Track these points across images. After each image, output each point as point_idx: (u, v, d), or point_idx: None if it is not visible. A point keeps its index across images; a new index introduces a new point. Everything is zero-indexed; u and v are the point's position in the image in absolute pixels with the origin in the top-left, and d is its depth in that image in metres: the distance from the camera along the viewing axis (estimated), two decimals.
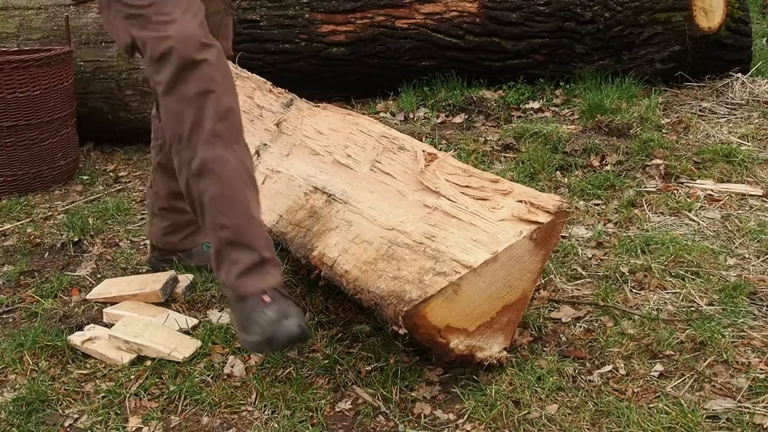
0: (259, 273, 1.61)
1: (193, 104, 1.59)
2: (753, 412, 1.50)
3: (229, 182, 1.61)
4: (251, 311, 1.56)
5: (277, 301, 1.56)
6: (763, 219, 2.40)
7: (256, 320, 1.53)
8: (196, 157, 1.60)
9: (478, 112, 3.73)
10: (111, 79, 3.59)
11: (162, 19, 1.61)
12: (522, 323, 1.82)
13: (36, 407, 1.66)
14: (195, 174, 1.62)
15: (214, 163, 1.60)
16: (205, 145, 1.60)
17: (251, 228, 1.62)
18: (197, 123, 1.59)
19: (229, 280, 1.63)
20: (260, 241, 1.62)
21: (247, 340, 1.56)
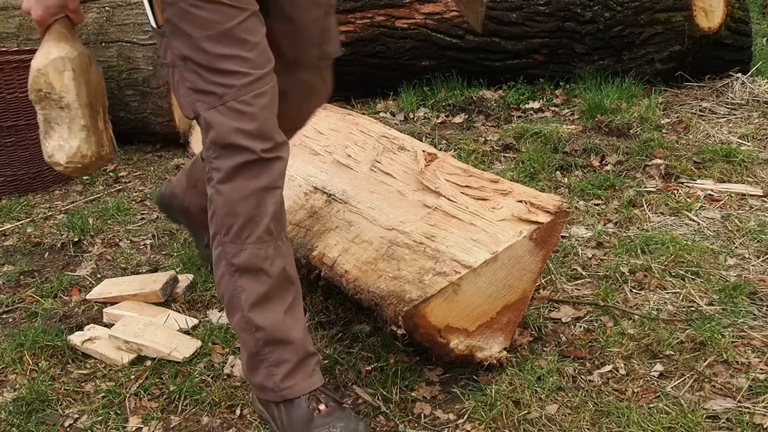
0: (304, 372, 1.50)
1: (253, 199, 1.43)
2: (753, 412, 1.50)
3: (273, 283, 1.47)
4: (307, 424, 1.46)
5: (338, 412, 1.46)
6: (763, 219, 2.40)
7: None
8: (242, 253, 1.45)
9: (478, 112, 3.73)
10: (111, 79, 3.59)
11: (238, 108, 1.40)
12: (522, 323, 1.82)
13: (36, 407, 1.66)
14: (237, 270, 1.46)
15: (263, 262, 1.45)
16: (256, 242, 1.45)
17: (287, 323, 1.48)
18: (253, 219, 1.44)
19: (272, 384, 1.49)
20: (298, 334, 1.50)
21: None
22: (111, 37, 3.60)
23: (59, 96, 1.47)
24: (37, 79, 1.47)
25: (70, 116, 1.49)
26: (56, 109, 1.48)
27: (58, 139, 1.50)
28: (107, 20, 3.64)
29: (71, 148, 1.49)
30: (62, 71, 1.46)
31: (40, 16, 1.45)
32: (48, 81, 1.46)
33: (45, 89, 1.47)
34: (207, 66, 1.40)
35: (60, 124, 1.49)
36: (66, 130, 1.49)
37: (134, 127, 3.65)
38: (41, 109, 1.50)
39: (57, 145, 1.50)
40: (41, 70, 1.46)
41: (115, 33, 3.60)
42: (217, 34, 1.40)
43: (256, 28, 1.45)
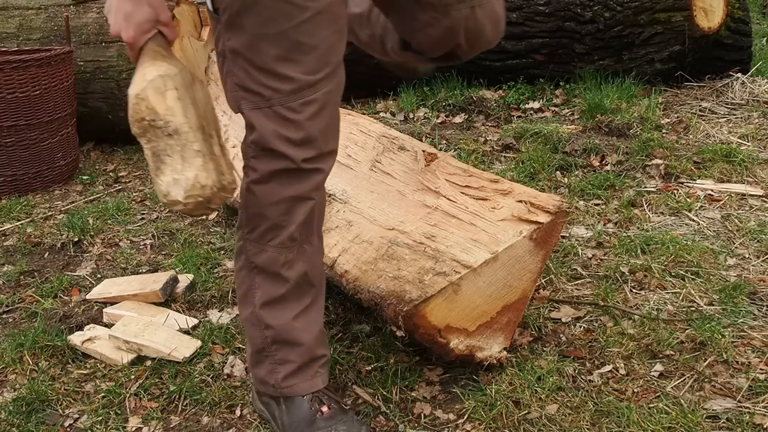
0: (307, 373, 1.50)
1: (283, 206, 1.40)
2: (753, 412, 1.50)
3: (290, 287, 1.46)
4: (310, 426, 1.46)
5: (339, 415, 1.46)
6: (763, 219, 2.40)
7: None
8: (263, 254, 1.44)
9: (478, 112, 3.73)
10: (111, 79, 3.59)
11: (284, 114, 1.34)
12: (522, 323, 1.82)
13: (36, 407, 1.66)
14: (255, 268, 1.46)
15: (281, 267, 1.43)
16: (277, 246, 1.42)
17: (297, 325, 1.47)
18: (278, 225, 1.41)
19: (273, 380, 1.50)
20: (308, 337, 1.49)
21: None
22: (111, 37, 3.60)
23: (165, 121, 1.25)
24: (137, 107, 1.27)
25: (181, 143, 1.26)
26: (164, 138, 1.26)
27: (171, 173, 1.26)
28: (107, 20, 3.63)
29: (188, 180, 1.26)
30: (164, 91, 1.26)
31: (132, 36, 1.30)
32: (150, 106, 1.26)
33: (148, 117, 1.26)
34: (257, 65, 1.33)
35: (171, 155, 1.26)
36: (179, 160, 1.26)
37: None
38: (147, 142, 1.28)
39: (171, 181, 1.26)
40: (140, 95, 1.27)
41: None
42: (272, 34, 1.31)
43: (318, 29, 1.33)
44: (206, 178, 1.27)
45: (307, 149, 1.36)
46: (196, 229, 2.62)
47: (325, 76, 1.36)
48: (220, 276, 2.22)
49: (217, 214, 2.73)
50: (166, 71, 1.28)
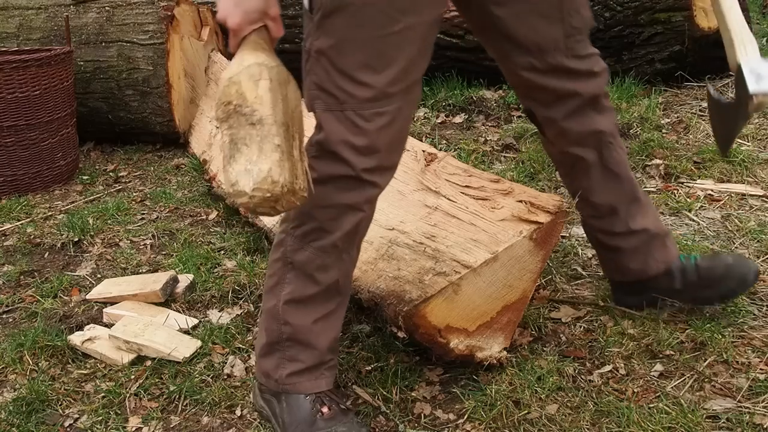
0: (312, 374, 1.52)
1: (333, 211, 1.41)
2: (753, 412, 1.50)
3: (319, 291, 1.48)
4: (311, 427, 1.47)
5: (340, 416, 1.47)
6: (763, 219, 2.40)
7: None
8: (301, 252, 1.45)
9: (478, 112, 3.73)
10: (111, 79, 3.59)
11: (355, 121, 1.35)
12: (522, 323, 1.82)
13: (36, 407, 1.66)
14: (290, 263, 1.47)
15: (316, 270, 1.45)
16: (318, 250, 1.44)
17: (316, 329, 1.50)
18: (324, 229, 1.43)
19: (277, 375, 1.52)
20: (323, 343, 1.51)
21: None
22: (111, 37, 3.60)
23: (251, 109, 1.22)
24: (227, 90, 1.24)
25: (262, 134, 1.22)
26: (246, 127, 1.23)
27: (244, 162, 1.22)
28: (107, 20, 3.64)
29: (260, 171, 1.21)
30: (257, 80, 1.23)
31: (237, 23, 1.28)
32: (240, 91, 1.23)
33: (236, 101, 1.23)
34: (338, 68, 1.34)
35: (249, 144, 1.22)
36: (255, 151, 1.22)
37: (134, 127, 3.65)
38: (228, 129, 1.25)
39: (243, 170, 1.22)
40: (233, 78, 1.24)
41: (115, 33, 3.60)
42: (359, 39, 1.32)
43: (404, 43, 1.34)
44: (279, 174, 1.22)
45: (369, 159, 1.37)
46: (196, 229, 2.62)
47: (401, 91, 1.37)
48: (220, 276, 2.22)
49: (217, 214, 2.73)
50: (264, 61, 1.26)
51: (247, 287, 2.11)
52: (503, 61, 1.64)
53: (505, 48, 1.59)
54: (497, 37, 1.58)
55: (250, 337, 1.90)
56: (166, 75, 3.50)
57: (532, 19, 1.52)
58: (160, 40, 3.50)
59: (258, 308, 2.02)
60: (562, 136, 1.69)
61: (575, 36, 1.57)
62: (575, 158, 1.72)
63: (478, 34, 1.66)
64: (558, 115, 1.65)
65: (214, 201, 2.84)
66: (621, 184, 1.73)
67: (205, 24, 3.87)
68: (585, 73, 1.62)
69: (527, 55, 1.56)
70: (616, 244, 1.79)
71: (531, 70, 1.58)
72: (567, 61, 1.57)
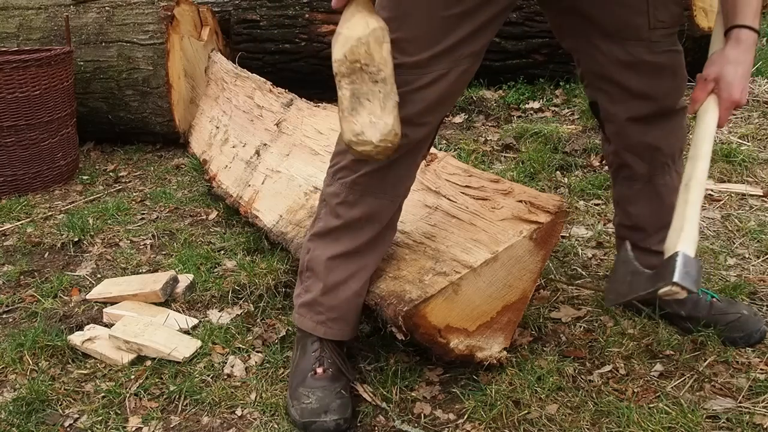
0: (316, 311, 1.63)
1: (328, 204, 1.60)
2: (753, 412, 1.50)
3: (338, 226, 1.60)
4: (301, 381, 1.58)
5: (325, 381, 1.57)
6: (763, 219, 2.40)
7: (300, 399, 1.55)
8: (330, 187, 1.60)
9: (478, 112, 3.73)
10: (111, 79, 3.59)
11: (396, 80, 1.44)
12: (522, 323, 1.82)
13: (36, 407, 1.66)
14: (323, 201, 1.63)
15: (339, 205, 1.58)
16: (342, 186, 1.57)
17: (331, 264, 1.61)
18: (350, 168, 1.57)
19: (297, 303, 1.69)
20: (332, 279, 1.62)
21: (288, 407, 1.58)
22: (111, 37, 3.60)
23: (378, 68, 1.35)
24: (356, 49, 1.34)
25: (385, 91, 1.36)
26: (369, 84, 1.36)
27: (368, 116, 1.36)
28: (107, 20, 3.64)
29: (386, 125, 1.36)
30: (382, 42, 1.35)
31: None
32: (369, 51, 1.34)
33: (363, 60, 1.35)
34: None
35: (371, 100, 1.36)
36: (378, 106, 1.36)
37: (134, 127, 3.65)
38: (350, 83, 1.37)
39: (368, 122, 1.36)
40: (362, 39, 1.34)
41: (115, 33, 3.60)
42: (416, 15, 1.43)
43: (458, 26, 1.43)
44: (399, 127, 1.39)
45: (401, 110, 1.44)
46: (196, 229, 2.62)
47: (447, 61, 1.45)
48: (220, 276, 2.22)
49: (217, 214, 2.73)
50: (383, 25, 1.37)
51: (247, 287, 2.11)
52: (581, 45, 1.62)
53: (584, 31, 1.58)
54: (577, 18, 1.57)
55: (250, 337, 1.90)
56: (166, 75, 3.50)
57: (614, 6, 1.52)
58: (160, 40, 3.50)
59: (258, 308, 2.02)
60: (619, 136, 1.66)
61: (660, 29, 1.54)
62: (624, 164, 1.69)
63: (553, 16, 1.65)
64: (622, 114, 1.62)
65: (214, 201, 2.84)
66: (661, 209, 1.68)
67: (205, 24, 3.87)
68: (667, 72, 1.58)
69: (608, 41, 1.55)
70: (642, 261, 1.74)
71: (609, 56, 1.56)
72: (648, 55, 1.55)
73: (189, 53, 3.68)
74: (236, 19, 4.07)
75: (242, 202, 2.51)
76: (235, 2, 4.10)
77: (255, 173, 2.56)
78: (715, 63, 1.47)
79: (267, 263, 2.20)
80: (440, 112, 1.57)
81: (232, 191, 2.61)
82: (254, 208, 2.41)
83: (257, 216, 2.36)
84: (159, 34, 3.51)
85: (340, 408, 1.53)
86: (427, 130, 1.56)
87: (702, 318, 1.75)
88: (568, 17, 1.61)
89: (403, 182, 1.61)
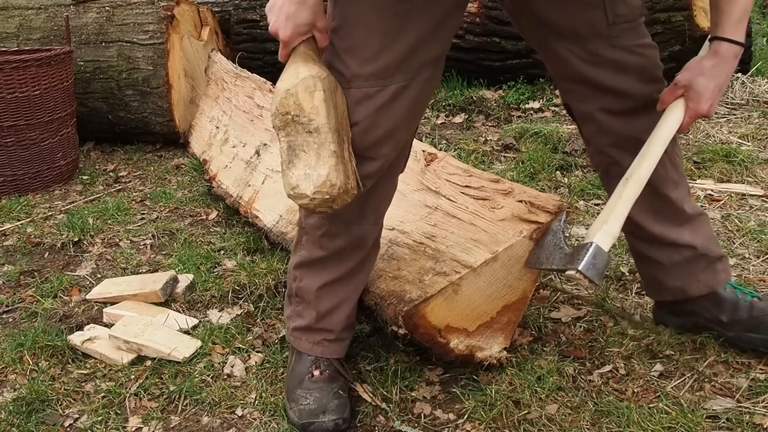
0: (312, 336, 1.64)
1: (309, 236, 1.59)
2: (753, 412, 1.50)
3: (323, 257, 1.59)
4: (298, 384, 1.59)
5: (322, 383, 1.58)
6: (763, 219, 2.40)
7: (297, 400, 1.56)
8: (310, 217, 1.57)
9: (478, 112, 3.73)
10: (111, 79, 3.59)
11: (358, 98, 1.42)
12: (522, 323, 1.82)
13: (36, 407, 1.66)
14: (303, 228, 1.61)
15: (322, 236, 1.56)
16: (321, 218, 1.54)
17: (320, 293, 1.61)
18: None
19: (288, 325, 1.69)
20: (323, 307, 1.61)
21: (287, 410, 1.59)
22: (111, 37, 3.60)
23: (308, 119, 1.33)
24: (285, 101, 1.33)
25: (319, 141, 1.33)
26: (303, 134, 1.33)
27: (303, 167, 1.33)
28: (107, 20, 3.64)
29: (319, 176, 1.32)
30: (312, 91, 1.33)
31: (288, 36, 1.35)
32: (297, 102, 1.32)
33: (293, 111, 1.33)
34: (344, 47, 1.42)
35: (306, 151, 1.33)
36: (314, 156, 1.33)
37: (134, 127, 3.65)
38: (286, 136, 1.35)
39: (303, 174, 1.33)
40: (290, 90, 1.33)
41: (115, 33, 3.60)
42: (366, 18, 1.40)
43: (411, 23, 1.39)
44: (336, 177, 1.33)
45: (368, 135, 1.43)
46: (196, 229, 2.62)
47: (408, 69, 1.41)
48: (220, 276, 2.22)
49: (217, 214, 2.73)
50: (317, 73, 1.34)
51: (247, 287, 2.11)
52: (543, 49, 1.59)
53: (542, 34, 1.55)
54: (534, 23, 1.55)
55: (250, 337, 1.90)
56: (166, 75, 3.50)
57: (568, 5, 1.49)
58: (160, 40, 3.50)
59: (258, 308, 2.02)
60: (600, 134, 1.62)
61: (620, 24, 1.49)
62: (612, 162, 1.63)
63: (515, 21, 1.62)
64: (595, 110, 1.58)
65: (214, 201, 2.84)
66: (660, 203, 1.64)
67: (205, 24, 3.87)
68: (634, 68, 1.53)
69: (566, 42, 1.52)
70: (655, 255, 1.70)
71: (570, 57, 1.53)
72: (609, 51, 1.50)
73: (189, 53, 3.69)
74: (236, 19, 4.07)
75: (242, 202, 2.51)
76: (235, 2, 4.10)
77: (255, 173, 2.56)
78: (689, 70, 1.46)
79: (267, 263, 2.20)
80: (412, 126, 1.52)
81: (232, 191, 2.61)
82: (254, 208, 2.41)
83: (257, 216, 2.36)
84: (159, 34, 3.51)
85: (338, 408, 1.53)
86: (401, 147, 1.51)
87: (745, 320, 1.66)
88: (527, 22, 1.57)
89: (384, 204, 1.58)
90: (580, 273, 1.33)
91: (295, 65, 1.35)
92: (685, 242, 1.66)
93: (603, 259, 1.35)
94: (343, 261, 1.58)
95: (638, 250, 1.75)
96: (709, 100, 1.44)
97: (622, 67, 1.52)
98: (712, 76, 1.44)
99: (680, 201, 1.65)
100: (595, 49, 1.50)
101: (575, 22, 1.49)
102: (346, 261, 1.58)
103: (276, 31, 1.35)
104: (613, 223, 1.39)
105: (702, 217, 1.70)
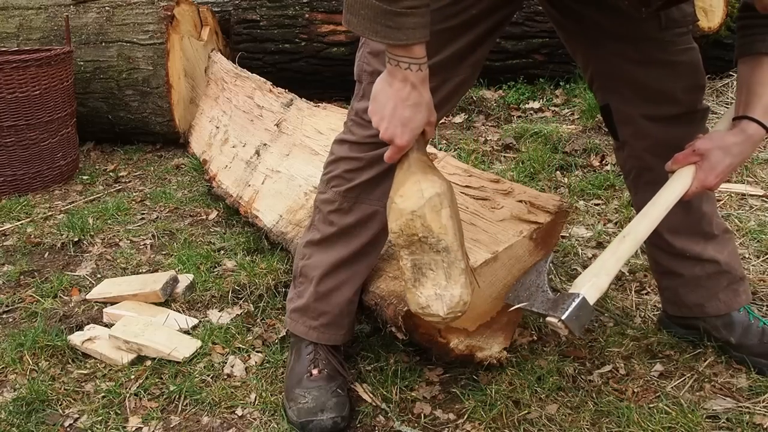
0: (308, 317, 1.65)
1: (358, 162, 1.54)
2: (753, 412, 1.50)
3: (333, 234, 1.60)
4: (297, 383, 1.60)
5: (321, 381, 1.59)
6: (763, 219, 2.40)
7: (296, 399, 1.57)
8: (323, 194, 1.61)
9: (478, 112, 3.73)
10: (111, 79, 3.59)
11: None
12: (522, 323, 1.82)
13: (36, 407, 1.66)
14: (317, 207, 1.63)
15: (333, 213, 1.59)
16: (336, 194, 1.57)
17: (324, 271, 1.62)
18: (345, 177, 1.56)
19: (289, 307, 1.71)
20: (323, 287, 1.63)
21: (286, 409, 1.59)
22: (111, 37, 3.60)
23: (437, 239, 1.24)
24: (411, 223, 1.24)
25: (449, 260, 1.25)
26: (430, 254, 1.25)
27: (433, 287, 1.26)
28: (107, 20, 3.64)
29: (452, 297, 1.26)
30: (439, 210, 1.24)
31: (407, 141, 1.27)
32: (425, 224, 1.23)
33: (421, 234, 1.24)
34: None
35: (435, 269, 1.26)
36: (443, 276, 1.26)
37: (134, 127, 3.65)
38: (410, 254, 1.27)
39: (433, 295, 1.26)
40: (416, 212, 1.23)
41: (115, 33, 3.60)
42: None
43: (455, 38, 1.41)
44: (468, 295, 1.28)
45: None
46: (196, 229, 2.62)
47: (443, 70, 1.42)
48: (220, 276, 2.22)
49: (217, 214, 2.73)
50: (441, 188, 1.26)
51: (247, 287, 2.11)
52: (591, 47, 1.56)
53: (594, 34, 1.53)
54: (582, 26, 1.53)
55: (250, 337, 1.90)
56: (166, 75, 3.50)
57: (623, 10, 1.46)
58: (160, 40, 3.50)
59: (258, 308, 2.02)
60: (638, 137, 1.59)
61: (672, 29, 1.48)
62: (645, 167, 1.61)
63: (560, 27, 1.60)
64: (638, 113, 1.56)
65: (214, 201, 2.84)
66: (689, 214, 1.61)
67: (205, 24, 3.87)
68: (682, 72, 1.52)
69: (617, 42, 1.50)
70: (677, 269, 1.68)
71: (621, 57, 1.51)
72: (661, 54, 1.50)
73: (189, 53, 3.68)
74: (236, 19, 4.06)
75: (242, 202, 2.51)
76: (235, 2, 4.10)
77: (255, 173, 2.56)
78: (711, 140, 1.44)
79: (267, 263, 2.20)
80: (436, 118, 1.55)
81: (232, 191, 2.61)
82: (254, 208, 2.41)
83: (257, 216, 2.36)
84: (159, 34, 3.51)
85: (336, 406, 1.53)
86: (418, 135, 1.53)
87: (755, 345, 1.65)
88: (575, 24, 1.56)
89: None
90: (562, 323, 1.29)
91: (414, 177, 1.26)
92: (709, 257, 1.65)
93: (587, 312, 1.33)
94: (352, 239, 1.59)
95: (660, 262, 1.73)
96: (720, 176, 1.42)
97: (671, 70, 1.51)
98: (732, 154, 1.42)
99: (709, 216, 1.64)
100: (647, 50, 1.50)
101: (630, 24, 1.47)
102: (354, 239, 1.59)
103: (391, 138, 1.28)
104: (604, 278, 1.37)
105: (728, 234, 1.69)
